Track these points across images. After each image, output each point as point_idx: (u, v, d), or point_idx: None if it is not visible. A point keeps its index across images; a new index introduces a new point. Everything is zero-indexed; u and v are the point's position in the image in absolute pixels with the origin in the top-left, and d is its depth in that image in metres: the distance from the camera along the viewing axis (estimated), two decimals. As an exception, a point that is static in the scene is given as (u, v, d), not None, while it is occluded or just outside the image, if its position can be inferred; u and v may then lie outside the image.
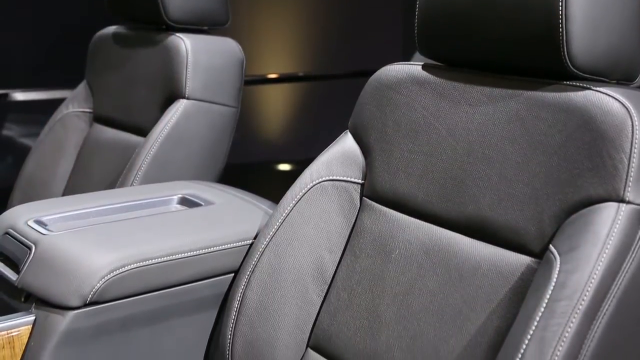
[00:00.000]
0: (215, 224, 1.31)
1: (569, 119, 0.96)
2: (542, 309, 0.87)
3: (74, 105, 1.97)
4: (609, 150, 0.92)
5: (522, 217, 0.98)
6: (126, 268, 1.13)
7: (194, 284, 1.22)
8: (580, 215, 0.93)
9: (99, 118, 1.93)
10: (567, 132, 0.96)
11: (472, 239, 1.04)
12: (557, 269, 0.89)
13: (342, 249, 1.19)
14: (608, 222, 0.89)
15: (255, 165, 3.27)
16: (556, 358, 0.84)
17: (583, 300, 0.86)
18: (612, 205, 0.90)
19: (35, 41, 2.68)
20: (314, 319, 1.18)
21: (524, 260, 0.98)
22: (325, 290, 1.18)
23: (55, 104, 2.01)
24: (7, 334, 1.09)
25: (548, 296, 0.88)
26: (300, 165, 1.27)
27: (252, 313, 1.18)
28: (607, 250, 0.87)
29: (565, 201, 0.95)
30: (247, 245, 1.26)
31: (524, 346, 0.86)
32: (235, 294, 1.20)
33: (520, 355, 0.86)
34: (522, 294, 0.95)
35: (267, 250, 1.19)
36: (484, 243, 1.02)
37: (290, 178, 1.26)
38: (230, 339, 1.19)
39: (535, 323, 0.87)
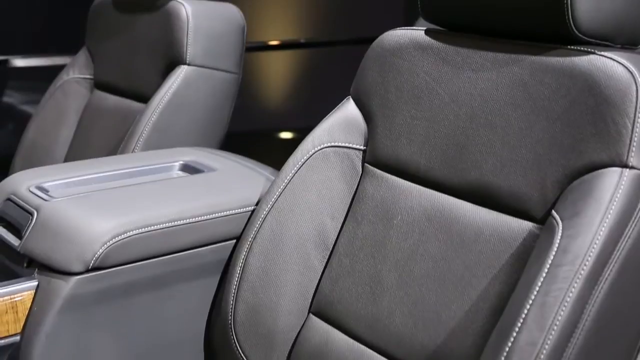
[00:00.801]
0: (217, 191, 1.31)
1: (572, 83, 0.95)
2: (544, 274, 0.87)
3: (75, 71, 1.96)
4: (613, 115, 0.91)
5: (525, 182, 0.98)
6: (128, 234, 1.13)
7: (196, 250, 1.22)
8: (583, 180, 0.92)
9: (99, 84, 1.92)
10: (570, 97, 0.95)
11: (474, 205, 1.04)
12: (559, 234, 0.89)
13: (344, 216, 1.19)
14: (611, 187, 0.89)
15: (257, 134, 3.26)
16: (557, 322, 0.84)
17: (585, 265, 0.86)
18: (615, 171, 0.90)
19: (35, 6, 2.66)
20: (316, 285, 1.18)
21: (526, 226, 0.98)
22: (327, 257, 1.19)
23: (55, 70, 2.00)
24: (10, 299, 1.10)
25: (550, 261, 0.88)
26: (302, 134, 1.26)
27: (254, 279, 1.18)
28: (609, 216, 0.87)
29: (568, 167, 0.94)
30: (249, 211, 1.26)
31: (526, 311, 0.86)
32: (237, 260, 1.20)
33: (521, 320, 0.86)
34: (524, 260, 0.96)
35: (269, 217, 1.19)
36: (486, 209, 1.02)
37: (291, 146, 1.25)
38: (232, 304, 1.19)
39: (537, 288, 0.87)
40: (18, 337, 1.11)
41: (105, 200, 1.22)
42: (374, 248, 1.12)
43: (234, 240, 1.25)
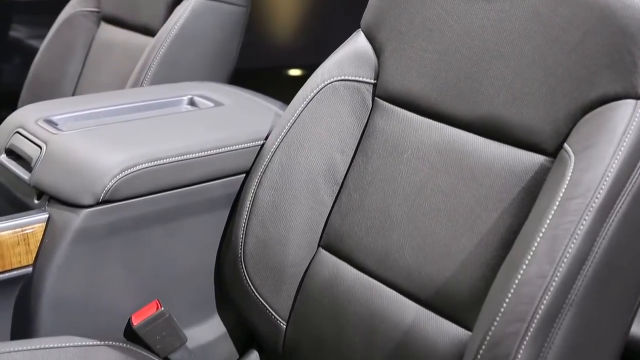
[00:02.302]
0: (226, 125, 1.30)
1: (588, 13, 0.93)
2: (555, 207, 0.87)
3: (81, 4, 1.93)
4: (629, 46, 0.89)
5: (537, 115, 0.97)
6: (138, 167, 1.13)
7: (206, 184, 1.22)
8: (596, 113, 0.91)
9: (106, 18, 1.90)
10: (585, 27, 0.93)
11: (486, 139, 1.03)
12: (571, 167, 0.88)
13: (353, 150, 1.19)
14: (625, 119, 0.88)
15: (265, 70, 3.23)
16: (567, 255, 0.84)
17: (596, 198, 0.85)
18: (630, 103, 0.89)
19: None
20: (326, 219, 1.19)
21: (538, 159, 0.97)
22: (337, 191, 1.19)
23: (61, 3, 1.98)
24: (22, 230, 1.10)
25: (561, 194, 0.87)
26: (311, 70, 1.24)
27: (264, 213, 1.19)
28: (622, 148, 0.86)
29: (582, 99, 0.93)
30: (258, 145, 1.25)
31: (536, 244, 0.86)
32: (246, 195, 1.20)
33: (531, 253, 0.86)
34: (534, 193, 0.95)
35: (278, 151, 1.19)
36: (498, 142, 1.02)
37: (300, 83, 1.24)
38: (242, 238, 1.20)
39: (548, 221, 0.86)
40: (30, 269, 1.12)
41: (114, 134, 1.22)
42: (384, 182, 1.12)
43: (243, 175, 1.25)
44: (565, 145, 0.92)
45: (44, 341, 1.06)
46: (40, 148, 1.17)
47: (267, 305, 1.19)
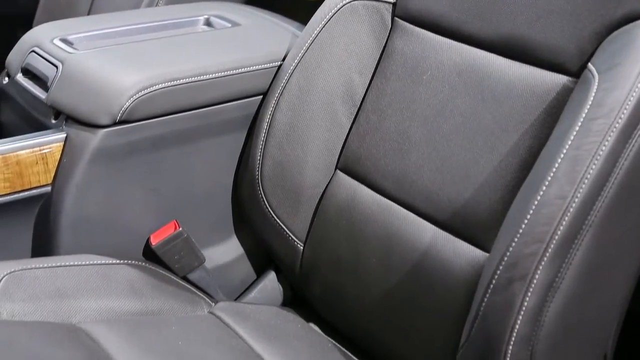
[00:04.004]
0: (243, 45, 1.29)
1: None
2: (577, 128, 0.85)
3: None
4: (659, -39, 0.87)
5: (561, 34, 0.95)
6: (154, 87, 1.13)
7: (222, 106, 1.21)
8: (622, 31, 0.89)
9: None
10: (614, -58, 0.90)
11: (507, 59, 1.01)
12: (595, 87, 0.87)
13: (372, 71, 1.17)
14: (652, 38, 0.86)
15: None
16: (588, 176, 0.83)
17: (620, 118, 0.83)
18: (657, 21, 0.87)
19: None
20: (343, 141, 1.18)
21: (561, 79, 0.95)
22: (355, 113, 1.17)
23: None
24: (40, 150, 1.11)
25: (584, 115, 0.86)
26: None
27: (281, 135, 1.18)
28: (648, 67, 0.84)
29: (607, 17, 0.91)
30: (275, 66, 1.24)
31: (556, 165, 0.85)
32: (264, 116, 1.20)
33: (552, 174, 0.85)
34: (556, 115, 0.94)
35: (295, 72, 1.18)
36: (520, 63, 1.00)
37: (318, 3, 1.21)
38: (259, 160, 1.19)
39: (569, 142, 0.85)
40: (49, 188, 1.12)
41: (130, 54, 1.21)
42: (403, 104, 1.11)
43: (261, 96, 1.24)
44: (589, 64, 0.90)
45: (65, 259, 1.08)
46: (57, 67, 1.16)
47: (284, 227, 1.19)
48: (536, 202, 0.85)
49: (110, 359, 0.93)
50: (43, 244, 1.14)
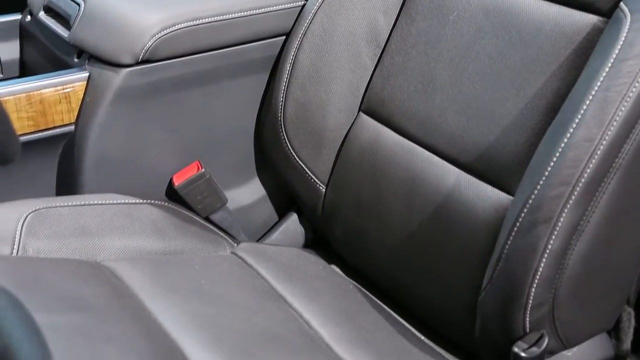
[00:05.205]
0: (266, -16, 1.27)
1: None
2: (607, 69, 0.84)
3: None
4: None
5: (593, -28, 0.93)
6: (176, 27, 1.11)
7: (245, 46, 1.20)
8: (656, -31, 0.86)
9: None
10: None
11: (536, -1, 0.99)
12: (627, 27, 0.85)
13: (397, 12, 1.15)
14: (687, -25, 0.83)
15: None
16: (617, 118, 0.81)
17: (652, 59, 0.82)
18: (694, -42, 0.84)
19: None
20: (367, 83, 1.17)
21: (591, 19, 0.93)
22: (379, 54, 1.16)
23: None
24: (63, 88, 1.10)
25: (614, 55, 0.84)
26: None
27: (304, 76, 1.17)
28: (683, 7, 0.82)
29: (642, -46, 0.88)
30: (298, 6, 1.22)
31: (585, 106, 0.83)
32: (286, 57, 1.18)
33: (579, 116, 0.83)
34: (585, 56, 0.92)
35: (319, 12, 1.16)
36: (549, 2, 0.97)
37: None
38: (282, 101, 1.19)
39: (599, 83, 0.83)
40: (72, 127, 1.12)
41: (152, -8, 1.19)
42: (428, 45, 1.09)
43: (283, 37, 1.23)
44: (621, 4, 0.88)
45: (89, 198, 1.08)
46: (79, 5, 1.16)
47: (306, 169, 1.19)
48: (563, 145, 0.84)
49: (134, 296, 0.94)
50: (67, 183, 1.15)
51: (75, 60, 1.14)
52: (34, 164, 1.13)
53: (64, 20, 1.18)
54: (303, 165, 1.19)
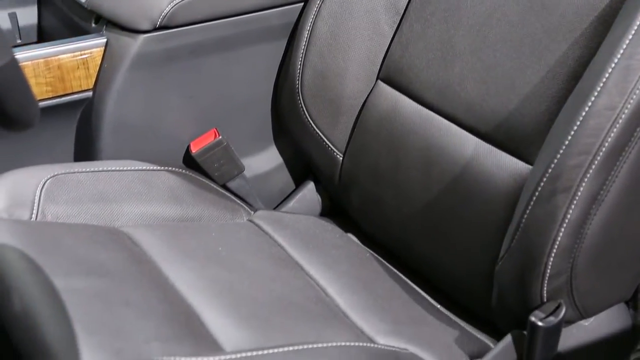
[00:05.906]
0: (284, -50, 1.25)
1: None
2: (630, 36, 0.82)
3: None
4: None
5: (618, -62, 0.91)
6: (194, -7, 1.11)
7: (263, 12, 1.19)
8: None
9: None
10: None
11: (559, -35, 0.97)
12: (652, -7, 0.83)
13: (416, -22, 1.14)
14: None
15: None
16: (640, 86, 0.80)
17: (677, 26, 0.80)
18: None
19: None
20: (385, 50, 1.15)
21: (615, -14, 0.92)
22: (398, 22, 1.15)
23: None
24: (81, 54, 1.10)
25: (638, 23, 0.82)
26: None
27: (322, 44, 1.16)
28: None
29: None
30: (317, -27, 1.21)
31: (607, 75, 0.82)
32: (305, 24, 1.18)
33: (601, 85, 0.82)
34: (608, 23, 0.90)
35: (338, -22, 1.15)
36: (572, -32, 0.96)
37: None
38: (299, 69, 1.18)
39: (622, 51, 0.82)
40: (90, 93, 1.12)
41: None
42: (447, 12, 1.08)
43: (302, 4, 1.22)
44: (647, -30, 0.87)
45: (106, 164, 1.09)
46: (97, -29, 1.15)
47: (323, 137, 1.19)
48: (584, 113, 0.83)
49: (151, 262, 0.95)
50: (85, 149, 1.15)
51: (93, 25, 1.14)
52: (53, 130, 1.13)
53: (80, -19, 1.18)
54: (320, 134, 1.19)
